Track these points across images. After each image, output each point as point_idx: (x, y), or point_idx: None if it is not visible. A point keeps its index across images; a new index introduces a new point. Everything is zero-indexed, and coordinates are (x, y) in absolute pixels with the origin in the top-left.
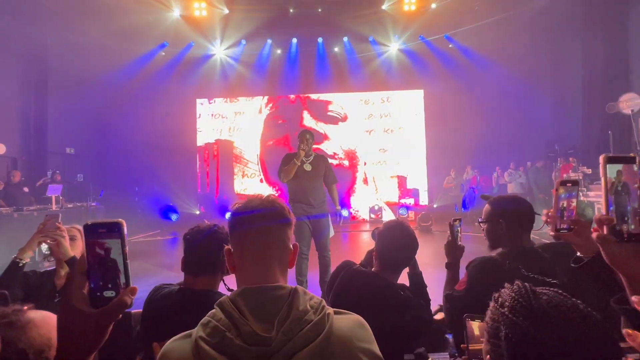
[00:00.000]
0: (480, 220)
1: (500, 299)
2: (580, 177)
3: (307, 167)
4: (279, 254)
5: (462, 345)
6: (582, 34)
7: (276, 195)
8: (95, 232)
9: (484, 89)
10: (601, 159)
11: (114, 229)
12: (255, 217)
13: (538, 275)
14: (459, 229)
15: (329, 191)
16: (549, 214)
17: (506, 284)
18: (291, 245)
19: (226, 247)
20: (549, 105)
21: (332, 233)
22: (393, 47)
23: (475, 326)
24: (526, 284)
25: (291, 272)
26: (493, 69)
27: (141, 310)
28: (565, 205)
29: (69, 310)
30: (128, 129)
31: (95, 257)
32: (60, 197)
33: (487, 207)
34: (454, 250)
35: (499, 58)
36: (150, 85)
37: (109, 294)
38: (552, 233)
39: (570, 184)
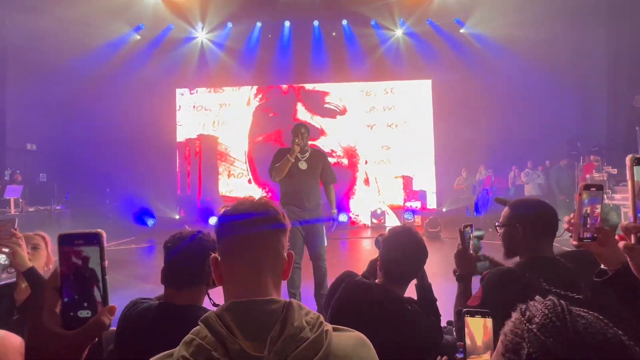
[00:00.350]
0: (497, 224)
1: (528, 313)
2: (605, 178)
3: (303, 165)
4: (273, 264)
5: (459, 343)
6: (608, 19)
7: (268, 197)
8: (71, 244)
9: (499, 79)
10: (628, 160)
11: (92, 240)
12: (246, 222)
13: (561, 290)
14: (470, 235)
15: (326, 192)
16: (571, 221)
17: (537, 297)
18: (286, 254)
19: (213, 255)
20: (571, 98)
21: (325, 243)
22: (398, 32)
23: (474, 324)
24: (562, 301)
25: (282, 285)
26: (509, 58)
27: (114, 328)
28: (588, 211)
29: (40, 333)
30: (98, 122)
31: (71, 268)
32: (20, 200)
33: (506, 210)
34: (465, 261)
35: (515, 45)
36: (123, 74)
37: (84, 313)
38: (574, 242)
39: (594, 189)
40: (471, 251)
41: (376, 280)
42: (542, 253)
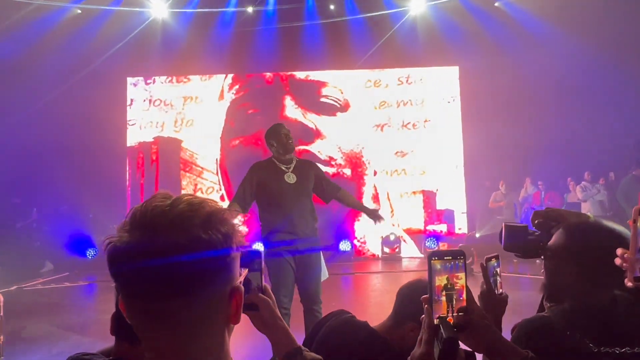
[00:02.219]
0: (542, 257)
1: None
2: None
3: (290, 178)
4: (207, 320)
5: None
6: None
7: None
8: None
9: (546, 67)
10: (634, 212)
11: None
12: (150, 250)
13: (616, 347)
14: (496, 270)
15: (342, 201)
16: (625, 255)
17: None
18: (233, 287)
19: (120, 302)
20: (638, 91)
21: (325, 275)
22: (415, 5)
23: None
24: None
25: (254, 334)
26: (558, 40)
27: None
28: None
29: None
30: (19, 122)
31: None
32: None
33: (560, 235)
34: (491, 304)
35: (567, 25)
36: (56, 58)
37: None
38: (629, 283)
39: None
40: (500, 290)
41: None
42: (596, 298)
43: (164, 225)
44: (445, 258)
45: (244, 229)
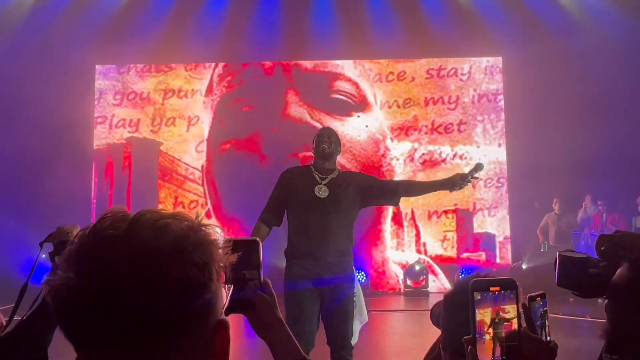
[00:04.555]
0: (604, 286)
1: None
2: None
3: (321, 192)
4: None
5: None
6: None
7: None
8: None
9: (612, 58)
10: None
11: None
12: (105, 296)
13: None
14: (543, 312)
15: (410, 193)
16: None
17: None
18: (217, 322)
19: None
20: None
21: (364, 318)
22: None
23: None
24: None
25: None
26: (624, 26)
27: None
28: None
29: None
30: None
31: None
32: None
33: (623, 272)
34: (535, 355)
35: (636, 7)
36: (6, 41)
37: None
38: None
39: None
40: (547, 337)
41: None
42: None
43: (120, 261)
44: (491, 289)
45: (225, 241)
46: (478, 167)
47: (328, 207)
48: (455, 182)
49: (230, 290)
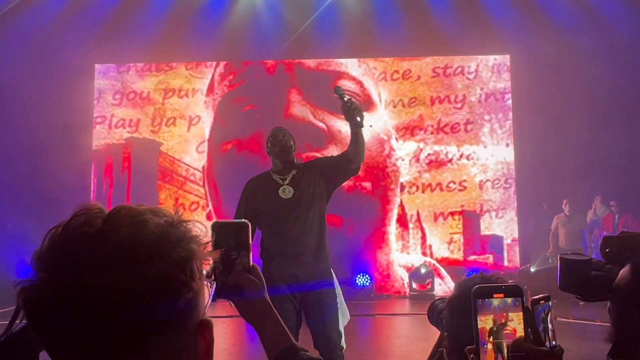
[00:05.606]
0: (608, 289)
1: None
2: None
3: (285, 193)
4: None
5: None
6: None
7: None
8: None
9: (620, 58)
10: None
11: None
12: (78, 299)
13: None
14: (543, 315)
15: (350, 150)
16: None
17: None
18: (199, 322)
19: None
20: None
21: (346, 317)
22: None
23: None
24: None
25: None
26: (635, 23)
27: None
28: None
29: None
30: None
31: None
32: None
33: (625, 273)
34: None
35: None
36: (5, 37)
37: None
38: None
39: None
40: (552, 342)
41: None
42: None
43: (95, 260)
44: (494, 296)
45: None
46: (336, 90)
47: (295, 206)
48: (346, 116)
49: (213, 288)
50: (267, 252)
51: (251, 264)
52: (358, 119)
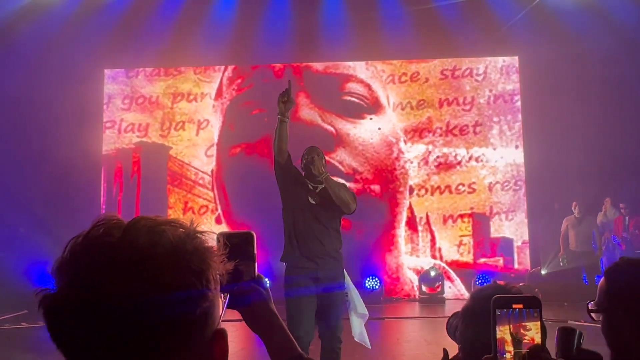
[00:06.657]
0: (590, 305)
1: None
2: None
3: (314, 198)
4: None
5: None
6: None
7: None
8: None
9: (630, 59)
10: None
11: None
12: (97, 307)
13: None
14: (578, 336)
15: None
16: None
17: None
18: (214, 331)
19: None
20: None
21: (365, 313)
22: None
23: None
24: None
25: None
26: None
27: None
28: None
29: None
30: None
31: None
32: None
33: (601, 283)
34: None
35: None
36: (16, 46)
37: None
38: None
39: None
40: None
41: None
42: None
43: (115, 269)
44: (513, 306)
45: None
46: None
47: (319, 212)
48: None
49: (227, 300)
50: (294, 249)
51: (257, 273)
52: (283, 117)
